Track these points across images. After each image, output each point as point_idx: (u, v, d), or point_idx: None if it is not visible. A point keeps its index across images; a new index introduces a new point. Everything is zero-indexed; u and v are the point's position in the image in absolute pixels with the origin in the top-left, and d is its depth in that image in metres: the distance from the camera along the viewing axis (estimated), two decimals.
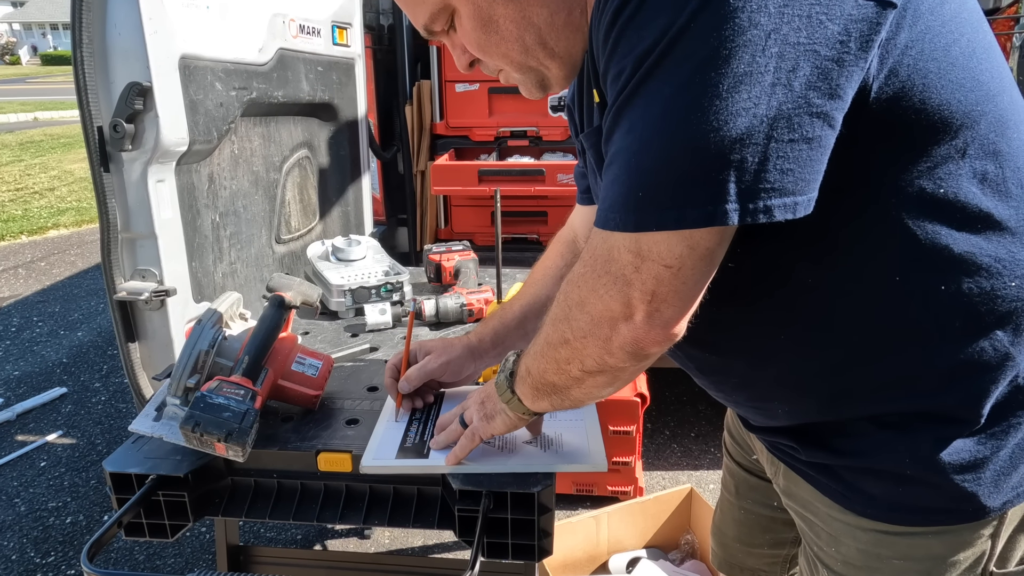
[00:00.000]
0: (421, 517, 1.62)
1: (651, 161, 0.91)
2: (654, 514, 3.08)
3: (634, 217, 0.94)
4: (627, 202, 0.94)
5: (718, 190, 0.88)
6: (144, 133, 2.01)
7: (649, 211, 0.92)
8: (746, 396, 1.28)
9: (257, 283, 2.72)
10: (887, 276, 1.01)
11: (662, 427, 4.25)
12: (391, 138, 4.52)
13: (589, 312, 1.07)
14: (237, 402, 1.55)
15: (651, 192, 0.91)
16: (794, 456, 1.25)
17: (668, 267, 0.96)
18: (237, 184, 2.58)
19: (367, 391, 1.98)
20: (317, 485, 1.67)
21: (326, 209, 3.38)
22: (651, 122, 0.90)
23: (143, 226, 2.08)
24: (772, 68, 0.85)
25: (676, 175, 0.89)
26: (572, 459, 1.57)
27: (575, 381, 1.18)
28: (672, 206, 0.90)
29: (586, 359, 1.12)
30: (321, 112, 3.27)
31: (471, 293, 2.57)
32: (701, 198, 0.88)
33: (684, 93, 0.87)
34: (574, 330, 1.11)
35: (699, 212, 0.89)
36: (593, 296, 1.05)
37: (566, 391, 1.22)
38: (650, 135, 0.90)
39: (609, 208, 0.97)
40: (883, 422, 1.10)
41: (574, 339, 1.12)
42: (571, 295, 1.11)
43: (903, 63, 0.92)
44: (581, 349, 1.11)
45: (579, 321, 1.09)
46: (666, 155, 0.89)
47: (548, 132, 4.46)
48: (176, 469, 1.59)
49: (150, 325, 2.16)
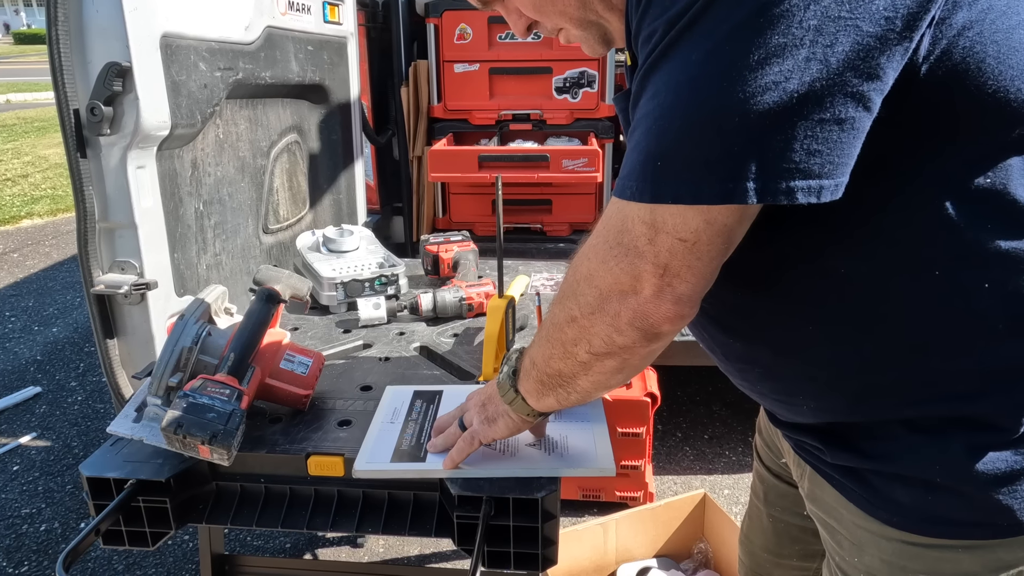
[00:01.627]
0: (418, 524, 1.62)
1: (672, 130, 0.91)
2: (665, 521, 3.09)
3: (651, 187, 0.94)
4: (644, 171, 0.94)
5: (739, 167, 0.87)
6: (123, 116, 2.01)
7: (666, 182, 0.92)
8: (770, 388, 1.28)
9: (243, 276, 2.71)
10: (927, 270, 1.00)
11: (674, 429, 4.25)
12: (386, 122, 4.52)
13: (598, 286, 1.07)
14: (222, 402, 1.55)
15: (670, 162, 0.92)
16: (819, 457, 1.25)
17: (683, 240, 0.96)
18: (222, 171, 2.58)
19: (360, 390, 1.98)
20: (307, 490, 1.68)
21: (317, 197, 3.38)
22: (676, 88, 0.90)
23: (122, 215, 2.07)
24: (808, 41, 0.84)
25: (696, 147, 0.89)
26: (578, 462, 1.57)
27: (582, 367, 1.17)
28: (690, 179, 0.90)
29: (594, 339, 1.11)
30: (311, 94, 3.26)
31: (471, 286, 2.57)
32: (720, 173, 0.88)
33: (712, 60, 0.87)
34: (581, 306, 1.11)
35: (717, 188, 0.89)
36: (603, 268, 1.05)
37: (572, 380, 1.22)
38: (673, 102, 0.91)
39: (627, 176, 0.98)
40: (914, 425, 1.09)
41: (581, 316, 1.12)
42: (580, 268, 1.11)
43: (958, 44, 0.91)
44: (589, 327, 1.11)
45: (587, 296, 1.09)
46: (688, 125, 0.89)
47: (553, 115, 4.46)
48: (157, 473, 1.59)
49: (130, 320, 2.16)
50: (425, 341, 2.33)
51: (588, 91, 4.40)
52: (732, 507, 3.56)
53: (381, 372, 2.11)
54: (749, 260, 1.05)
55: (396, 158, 4.59)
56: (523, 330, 2.37)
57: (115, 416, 1.72)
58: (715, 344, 1.30)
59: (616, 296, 1.04)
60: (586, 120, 4.47)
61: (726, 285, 1.06)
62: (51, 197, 10.14)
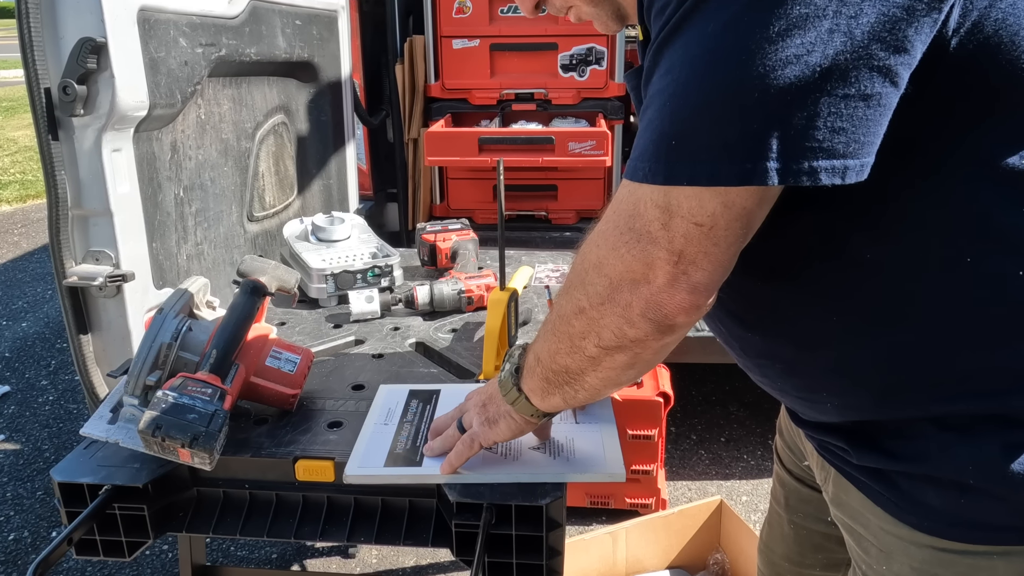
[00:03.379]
0: (413, 533, 1.62)
1: (687, 107, 0.91)
2: (679, 530, 3.09)
3: (664, 168, 0.93)
4: (658, 151, 0.94)
5: (758, 146, 0.87)
6: (98, 96, 2.01)
7: (681, 163, 0.92)
8: (792, 385, 1.27)
9: (227, 266, 2.72)
10: (957, 257, 0.99)
11: (688, 431, 4.25)
12: (379, 102, 4.51)
13: (608, 274, 1.06)
14: (204, 402, 1.55)
15: (684, 141, 0.91)
16: (844, 459, 1.24)
17: (699, 225, 0.95)
18: (204, 154, 2.57)
19: (352, 390, 1.98)
20: (295, 497, 1.68)
21: (305, 182, 3.38)
22: (691, 63, 0.90)
23: (97, 202, 2.07)
24: (832, 12, 0.84)
25: (713, 125, 0.89)
26: (585, 467, 1.57)
27: (591, 362, 1.17)
28: (707, 159, 0.90)
29: (603, 331, 1.10)
30: (299, 72, 3.26)
31: (470, 278, 2.57)
32: (739, 153, 0.88)
33: (730, 33, 0.87)
34: (590, 296, 1.10)
35: (735, 169, 0.89)
36: (613, 255, 1.05)
37: (580, 377, 1.21)
38: (688, 77, 0.91)
39: (639, 157, 0.97)
40: (945, 424, 1.08)
41: (590, 307, 1.11)
42: (588, 256, 1.11)
43: (990, 16, 0.90)
44: (598, 319, 1.10)
45: (596, 285, 1.09)
46: (704, 101, 0.89)
47: (558, 95, 4.45)
48: (134, 479, 1.60)
49: (105, 314, 2.16)
50: (421, 337, 2.33)
51: (596, 69, 4.39)
52: (751, 515, 3.57)
53: (374, 370, 2.11)
54: (768, 248, 1.05)
55: (390, 141, 4.58)
56: (526, 325, 2.37)
57: (89, 417, 1.73)
58: (732, 338, 1.29)
59: (627, 285, 1.04)
60: (594, 100, 4.46)
61: (744, 275, 1.06)
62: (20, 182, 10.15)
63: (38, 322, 5.76)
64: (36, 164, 10.84)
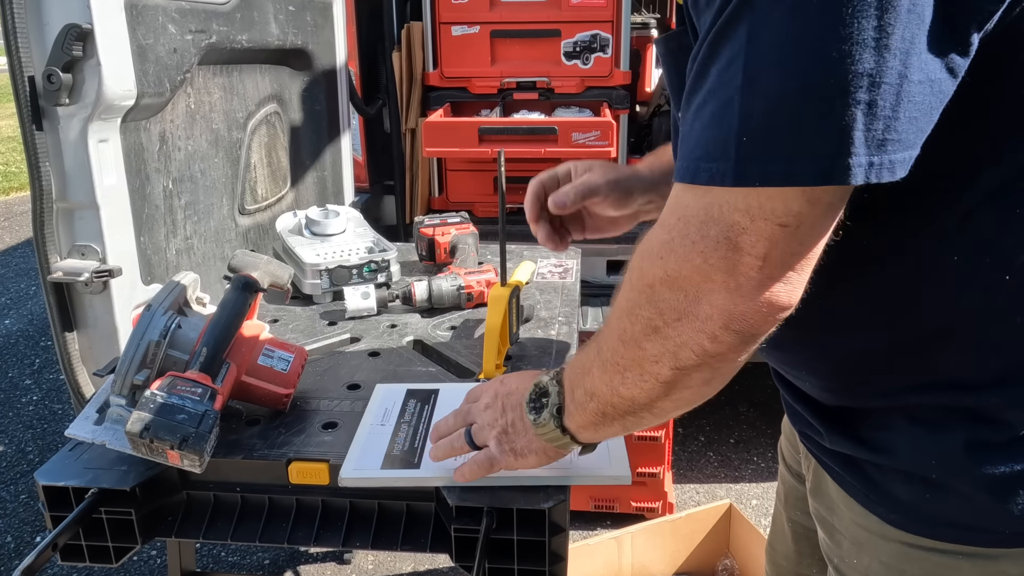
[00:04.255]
0: (411, 538, 1.62)
1: (759, 100, 0.88)
2: (686, 535, 3.09)
3: (737, 168, 0.90)
4: (727, 150, 0.91)
5: (842, 139, 0.85)
6: (84, 84, 2.00)
7: (757, 161, 0.89)
8: (775, 358, 1.29)
9: (217, 261, 2.72)
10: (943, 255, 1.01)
11: (696, 432, 4.26)
12: (375, 91, 4.51)
13: (683, 288, 1.01)
14: (193, 402, 1.55)
15: (760, 138, 0.89)
16: (819, 444, 1.27)
17: (784, 226, 0.92)
18: (194, 145, 2.57)
19: (347, 389, 1.98)
20: (288, 500, 1.68)
21: (299, 174, 3.38)
22: (758, 54, 0.88)
23: (83, 194, 2.07)
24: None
25: (790, 118, 0.87)
26: (589, 469, 1.57)
27: (664, 387, 1.10)
28: (783, 156, 0.88)
29: (681, 351, 1.04)
30: (293, 60, 3.26)
31: (470, 274, 2.57)
32: (822, 148, 0.86)
33: (799, 17, 0.84)
34: (664, 314, 1.04)
35: (815, 166, 0.87)
36: (688, 266, 0.99)
37: (650, 405, 1.15)
38: (756, 69, 0.88)
39: (702, 156, 0.94)
40: (916, 416, 1.10)
41: (664, 325, 1.05)
42: (651, 271, 1.05)
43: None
44: (675, 337, 1.04)
45: (669, 301, 1.03)
46: (778, 93, 0.87)
47: (561, 83, 4.45)
48: (121, 482, 1.60)
49: (91, 311, 2.16)
50: (419, 334, 2.33)
51: (601, 56, 4.39)
52: (761, 519, 3.57)
53: (370, 369, 2.11)
54: None
55: (387, 131, 4.58)
56: (528, 322, 2.37)
57: (74, 418, 1.73)
58: None
59: (707, 297, 0.99)
60: (599, 89, 4.46)
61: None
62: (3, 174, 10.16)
63: (22, 319, 5.76)
64: (19, 155, 10.85)
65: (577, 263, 2.92)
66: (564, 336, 2.29)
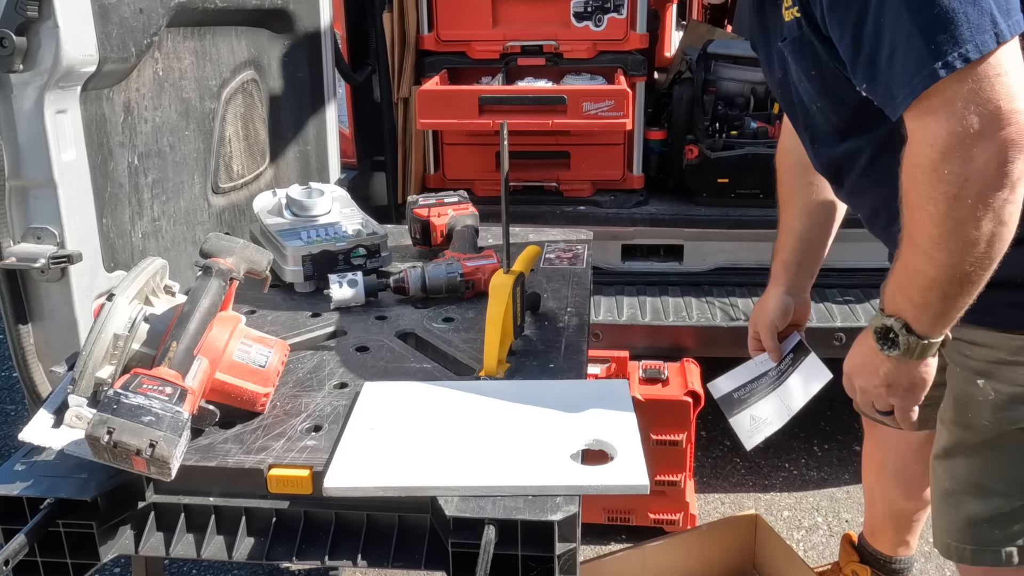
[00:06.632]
0: (404, 553, 1.62)
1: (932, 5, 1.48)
2: (709, 549, 3.09)
3: (955, 50, 1.48)
4: (932, 48, 1.49)
5: (988, 18, 1.47)
6: (39, 49, 2.00)
7: (964, 42, 1.47)
8: (857, 201, 2.08)
9: (188, 246, 2.71)
10: None
11: (721, 435, 4.26)
12: (364, 56, 4.50)
13: (960, 156, 1.50)
14: (162, 403, 1.55)
15: (953, 28, 1.47)
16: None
17: (1001, 74, 1.49)
18: (162, 116, 2.57)
19: (333, 388, 1.98)
20: (267, 511, 1.68)
21: (279, 149, 3.38)
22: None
23: (38, 171, 2.07)
24: None
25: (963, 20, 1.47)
26: (603, 477, 1.57)
27: (990, 239, 1.56)
28: (981, 30, 1.47)
29: (984, 197, 1.52)
30: (272, 21, 3.25)
31: (469, 259, 2.56)
32: (998, 17, 1.47)
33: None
34: (954, 179, 1.52)
35: (1006, 25, 1.48)
36: (963, 155, 1.50)
37: (989, 249, 1.58)
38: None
39: (918, 63, 1.51)
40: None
41: (962, 189, 1.52)
42: (923, 166, 1.56)
43: None
44: (981, 193, 1.52)
45: (953, 170, 1.51)
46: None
47: (570, 48, 4.42)
48: (81, 491, 1.60)
49: (48, 301, 2.16)
50: (413, 327, 2.33)
51: (615, 17, 4.36)
52: (793, 532, 3.57)
53: (358, 365, 2.11)
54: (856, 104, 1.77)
55: (377, 101, 4.57)
56: (535, 312, 2.37)
57: (29, 419, 1.72)
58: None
59: (979, 143, 1.49)
60: (612, 53, 4.44)
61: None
62: None
63: None
64: None
65: (588, 247, 2.92)
66: (574, 328, 2.29)
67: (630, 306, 3.92)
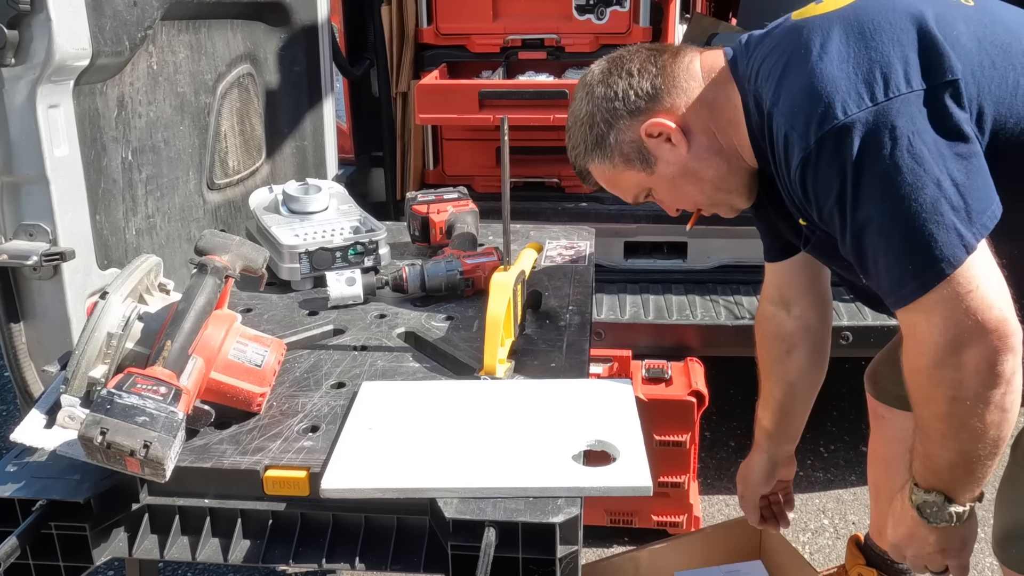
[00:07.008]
0: (402, 556, 1.62)
1: (912, 230, 1.62)
2: (713, 552, 3.09)
3: (930, 271, 1.61)
4: (917, 265, 1.63)
5: (966, 223, 1.61)
6: (32, 42, 2.00)
7: (936, 263, 1.60)
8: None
9: (183, 243, 2.71)
10: None
11: (726, 436, 4.25)
12: (362, 49, 4.49)
13: (964, 369, 1.63)
14: (156, 403, 1.55)
15: (928, 250, 1.61)
16: None
17: (970, 291, 1.61)
18: (156, 111, 2.57)
19: (330, 388, 1.98)
20: (263, 513, 1.68)
21: (275, 144, 3.38)
22: (891, 214, 1.65)
23: (30, 167, 2.07)
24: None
25: (939, 230, 1.61)
26: (605, 478, 1.57)
27: (998, 425, 1.67)
28: (952, 246, 1.60)
29: (982, 397, 1.64)
30: (268, 14, 3.25)
31: (469, 257, 2.56)
32: (962, 233, 1.60)
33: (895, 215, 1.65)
34: (961, 390, 1.65)
35: (969, 238, 1.60)
36: (954, 363, 1.63)
37: (998, 439, 1.70)
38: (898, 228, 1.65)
39: (909, 275, 1.64)
40: None
41: (959, 395, 1.65)
42: (926, 382, 1.71)
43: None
44: (978, 394, 1.64)
45: (948, 373, 1.65)
46: (922, 221, 1.62)
47: (572, 41, 4.42)
48: (74, 493, 1.60)
49: (40, 299, 2.16)
50: (412, 326, 2.32)
51: (617, 10, 4.36)
52: (799, 535, 3.57)
53: (356, 364, 2.11)
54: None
55: (375, 95, 4.57)
56: (536, 310, 2.36)
57: (21, 420, 1.72)
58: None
59: (964, 350, 1.62)
60: (615, 47, 4.42)
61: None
62: None
63: None
64: None
65: (590, 245, 2.92)
66: (575, 327, 2.29)
67: (633, 304, 3.91)
